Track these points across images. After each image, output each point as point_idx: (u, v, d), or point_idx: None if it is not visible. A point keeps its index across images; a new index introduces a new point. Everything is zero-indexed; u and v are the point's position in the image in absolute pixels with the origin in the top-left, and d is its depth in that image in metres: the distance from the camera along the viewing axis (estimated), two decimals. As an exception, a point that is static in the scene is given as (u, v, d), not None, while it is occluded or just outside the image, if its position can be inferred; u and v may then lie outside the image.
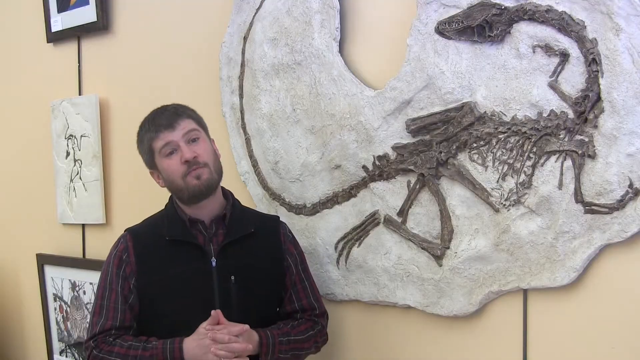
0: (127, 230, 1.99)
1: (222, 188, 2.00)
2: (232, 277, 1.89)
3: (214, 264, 1.89)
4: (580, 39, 1.66)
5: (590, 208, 1.67)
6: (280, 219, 2.10)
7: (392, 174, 2.02)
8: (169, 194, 2.01)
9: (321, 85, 2.13)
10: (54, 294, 3.11)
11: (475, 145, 1.86)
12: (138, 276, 1.89)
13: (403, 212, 2.01)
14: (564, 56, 1.69)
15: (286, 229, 2.08)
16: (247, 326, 1.83)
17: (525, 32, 1.74)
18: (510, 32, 1.77)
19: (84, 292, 2.96)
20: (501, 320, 1.88)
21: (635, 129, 1.59)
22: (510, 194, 1.80)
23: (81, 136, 2.96)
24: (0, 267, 3.49)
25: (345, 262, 2.16)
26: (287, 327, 1.96)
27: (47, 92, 3.15)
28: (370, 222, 2.09)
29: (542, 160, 1.75)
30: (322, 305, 2.06)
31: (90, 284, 2.92)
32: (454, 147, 1.89)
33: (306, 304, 2.02)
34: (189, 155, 1.87)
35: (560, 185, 1.72)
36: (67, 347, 3.09)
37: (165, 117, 1.91)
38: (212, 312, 1.81)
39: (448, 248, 1.93)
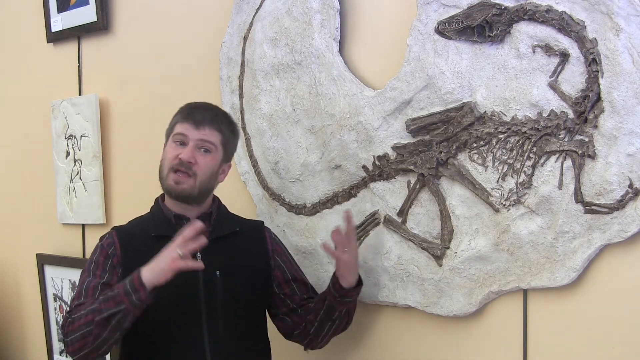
0: (114, 228, 2.02)
1: None
2: (217, 272, 1.91)
3: (199, 259, 1.88)
4: (580, 39, 1.66)
5: (590, 208, 1.67)
6: (265, 225, 2.12)
7: (392, 174, 2.02)
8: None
9: (321, 85, 2.13)
10: (54, 294, 3.11)
11: (475, 145, 1.86)
12: (123, 270, 1.90)
13: (403, 212, 2.01)
14: (564, 56, 1.69)
15: (271, 232, 2.11)
16: None
17: (525, 32, 1.73)
18: (510, 32, 1.77)
19: (84, 292, 2.96)
20: (501, 320, 1.88)
21: (635, 129, 1.59)
22: (510, 194, 1.80)
23: (81, 136, 2.96)
24: (0, 267, 3.49)
25: (345, 262, 2.16)
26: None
27: (47, 92, 3.15)
28: (370, 222, 2.09)
29: (542, 160, 1.74)
30: None
31: (90, 284, 2.92)
32: (454, 147, 1.89)
33: (311, 289, 2.09)
34: (185, 157, 1.89)
35: (560, 185, 1.72)
36: (67, 347, 3.09)
37: (200, 114, 1.94)
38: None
39: (448, 248, 1.93)
